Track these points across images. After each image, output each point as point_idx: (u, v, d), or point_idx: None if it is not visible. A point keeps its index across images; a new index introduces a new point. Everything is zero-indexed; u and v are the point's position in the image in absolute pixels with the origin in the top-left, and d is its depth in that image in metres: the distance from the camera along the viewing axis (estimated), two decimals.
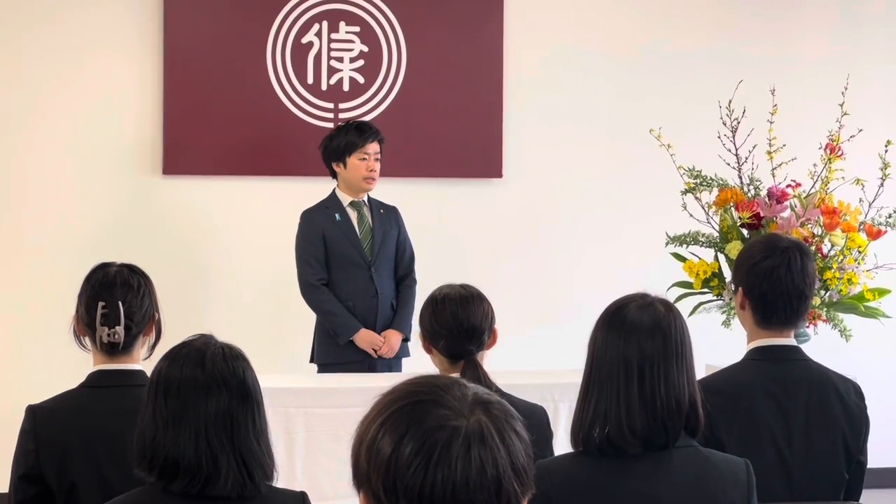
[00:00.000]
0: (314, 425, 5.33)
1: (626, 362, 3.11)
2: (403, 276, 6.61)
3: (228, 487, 2.91)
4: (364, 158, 6.42)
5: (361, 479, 1.85)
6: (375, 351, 6.37)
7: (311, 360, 6.56)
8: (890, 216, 5.57)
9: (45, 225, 7.16)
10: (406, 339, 6.50)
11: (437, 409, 1.82)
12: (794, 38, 7.95)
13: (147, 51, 7.24)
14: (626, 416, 3.08)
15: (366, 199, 6.55)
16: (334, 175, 6.51)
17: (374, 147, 6.45)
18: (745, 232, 5.56)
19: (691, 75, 7.79)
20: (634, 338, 3.12)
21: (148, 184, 7.27)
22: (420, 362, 4.53)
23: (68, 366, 4.18)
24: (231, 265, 7.39)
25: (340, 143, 6.46)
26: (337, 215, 6.46)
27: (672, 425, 3.10)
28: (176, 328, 3.73)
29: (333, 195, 6.52)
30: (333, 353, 6.41)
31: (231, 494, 2.92)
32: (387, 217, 6.58)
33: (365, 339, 6.37)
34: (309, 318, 6.52)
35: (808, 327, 5.42)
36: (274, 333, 7.22)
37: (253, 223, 7.38)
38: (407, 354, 6.53)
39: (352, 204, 6.50)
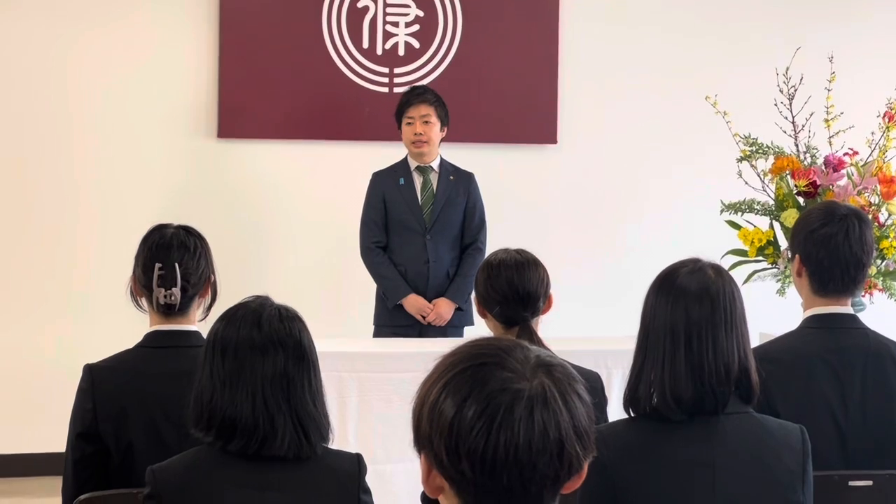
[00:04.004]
0: (367, 390, 5.31)
1: (673, 328, 3.09)
2: (469, 243, 6.49)
3: (285, 448, 2.93)
4: (410, 122, 6.38)
5: (423, 441, 1.86)
6: (424, 317, 6.35)
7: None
8: None
9: (99, 188, 7.20)
10: (460, 308, 6.41)
11: (500, 371, 1.82)
12: (852, 3, 7.87)
13: (203, 14, 7.25)
14: (670, 383, 3.06)
15: (436, 164, 6.49)
16: None
17: (420, 110, 6.37)
18: (801, 200, 5.53)
19: (748, 41, 7.73)
20: (682, 303, 3.10)
21: (203, 147, 7.30)
22: (484, 332, 4.47)
23: (125, 326, 4.20)
24: (285, 228, 7.41)
25: (396, 111, 6.45)
26: (401, 179, 6.43)
27: (721, 391, 3.08)
28: (230, 290, 3.76)
29: (404, 159, 6.50)
30: (387, 315, 6.41)
31: (287, 455, 2.94)
32: (455, 183, 6.50)
33: (413, 304, 6.35)
34: (366, 282, 6.52)
35: (863, 296, 5.39)
36: (328, 296, 7.23)
37: (307, 187, 7.39)
38: (470, 323, 6.40)
39: (418, 169, 6.47)
